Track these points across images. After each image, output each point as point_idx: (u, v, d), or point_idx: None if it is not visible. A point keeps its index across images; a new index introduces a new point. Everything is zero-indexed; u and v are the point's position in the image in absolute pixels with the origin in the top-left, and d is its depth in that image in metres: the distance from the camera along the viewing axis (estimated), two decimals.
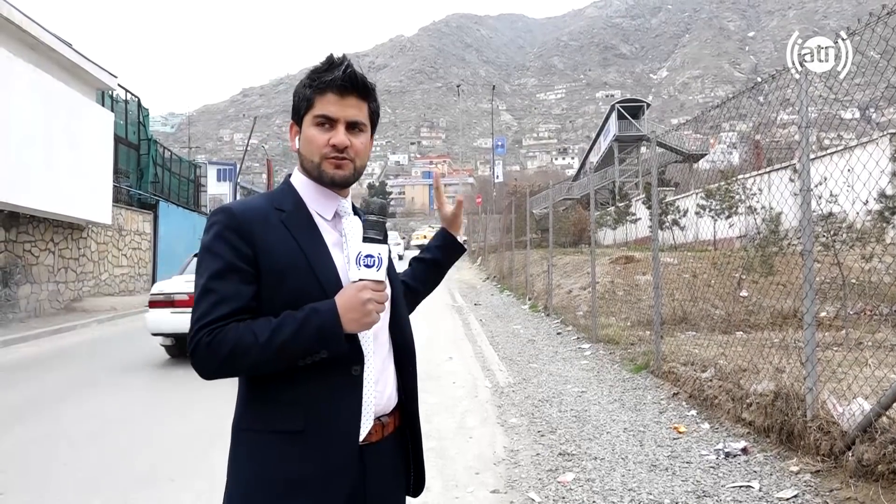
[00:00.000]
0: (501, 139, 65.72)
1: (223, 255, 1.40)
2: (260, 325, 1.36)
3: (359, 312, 1.38)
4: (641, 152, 45.62)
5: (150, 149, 21.46)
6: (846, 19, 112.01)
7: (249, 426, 1.44)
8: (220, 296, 1.38)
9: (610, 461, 4.48)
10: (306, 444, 1.39)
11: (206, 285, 1.40)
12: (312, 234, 1.47)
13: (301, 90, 1.52)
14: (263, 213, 1.45)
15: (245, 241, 1.41)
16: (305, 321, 1.36)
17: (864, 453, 3.65)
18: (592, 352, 8.66)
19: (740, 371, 5.56)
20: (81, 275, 15.96)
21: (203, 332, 1.35)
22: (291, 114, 1.55)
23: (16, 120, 11.62)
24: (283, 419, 1.40)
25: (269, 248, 1.41)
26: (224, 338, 1.35)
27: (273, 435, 1.40)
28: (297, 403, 1.40)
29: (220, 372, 1.38)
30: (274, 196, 1.52)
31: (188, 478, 4.31)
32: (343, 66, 1.49)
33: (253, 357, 1.34)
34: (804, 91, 4.35)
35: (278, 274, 1.41)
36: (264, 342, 1.34)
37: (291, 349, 1.35)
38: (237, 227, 1.41)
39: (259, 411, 1.43)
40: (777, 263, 8.61)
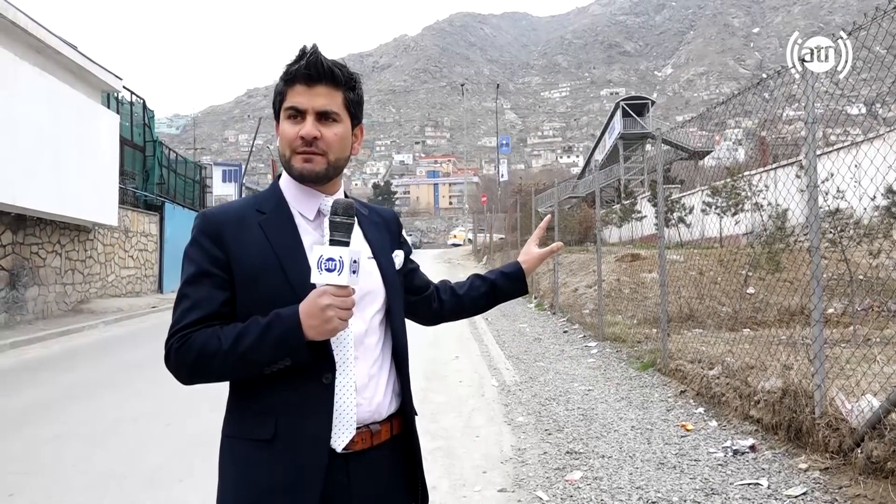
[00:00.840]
0: (506, 138, 65.78)
1: (196, 261, 1.40)
2: (227, 331, 1.34)
3: (318, 319, 1.30)
4: (647, 150, 45.53)
5: (155, 150, 21.51)
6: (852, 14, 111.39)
7: (230, 433, 1.45)
8: (192, 301, 1.37)
9: (618, 459, 4.47)
10: (277, 451, 1.36)
11: (180, 291, 1.40)
12: (290, 235, 1.43)
13: (277, 85, 1.48)
14: (240, 216, 1.43)
15: (217, 245, 1.39)
16: (268, 328, 1.32)
17: (874, 450, 3.63)
18: (599, 350, 8.65)
19: (748, 368, 5.55)
20: (88, 276, 16.01)
21: (174, 339, 1.36)
22: (273, 112, 1.52)
23: (22, 122, 11.66)
24: (255, 427, 1.39)
25: (242, 252, 1.39)
26: (192, 344, 1.34)
27: (248, 442, 1.39)
28: (268, 412, 1.38)
29: (191, 378, 1.38)
30: (258, 197, 1.49)
31: (196, 478, 4.32)
32: (309, 55, 1.41)
33: (217, 363, 1.33)
34: (810, 87, 4.33)
35: (250, 278, 1.38)
36: (227, 348, 1.32)
37: (254, 356, 1.32)
38: (210, 231, 1.40)
39: (237, 418, 1.43)
40: (784, 260, 8.58)
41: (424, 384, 7.01)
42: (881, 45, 4.07)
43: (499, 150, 59.78)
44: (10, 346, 10.31)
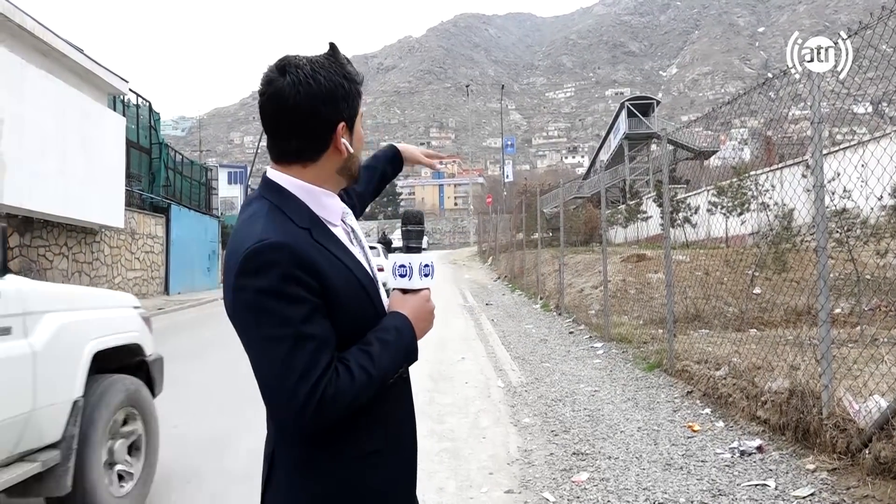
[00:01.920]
0: (511, 139, 65.69)
1: (302, 297, 1.25)
2: (361, 358, 1.29)
3: (428, 322, 1.42)
4: (652, 150, 45.46)
5: (161, 153, 21.58)
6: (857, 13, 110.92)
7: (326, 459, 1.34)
8: (319, 341, 1.25)
9: (624, 460, 4.46)
10: (386, 459, 1.39)
11: (299, 332, 1.23)
12: (339, 246, 1.37)
13: (353, 87, 1.37)
14: (304, 238, 1.31)
15: (311, 275, 1.26)
16: (398, 344, 1.34)
17: (882, 451, 3.62)
18: (605, 351, 8.64)
19: (754, 369, 5.53)
20: (95, 279, 16.07)
21: (324, 383, 1.22)
22: (345, 112, 1.36)
23: (29, 125, 11.72)
24: (365, 442, 1.35)
25: (328, 276, 1.29)
26: (342, 384, 1.25)
27: (355, 461, 1.35)
28: (376, 423, 1.37)
29: (341, 418, 1.27)
30: (287, 213, 1.34)
31: (203, 479, 4.34)
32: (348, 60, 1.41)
33: (368, 393, 1.29)
34: (816, 86, 4.32)
35: (341, 300, 1.31)
36: (376, 375, 1.29)
37: (391, 373, 1.34)
38: (299, 261, 1.25)
39: (336, 442, 1.33)
40: (790, 260, 8.55)
41: (431, 385, 7.01)
42: (888, 44, 4.06)
43: (503, 151, 59.70)
44: None
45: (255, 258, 1.24)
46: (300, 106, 1.30)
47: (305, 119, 1.31)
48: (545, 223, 22.44)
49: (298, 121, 1.32)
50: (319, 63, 1.33)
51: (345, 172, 1.41)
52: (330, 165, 1.38)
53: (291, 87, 1.29)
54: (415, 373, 1.60)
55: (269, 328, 1.23)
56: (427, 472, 4.32)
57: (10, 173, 11.11)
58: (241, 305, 1.26)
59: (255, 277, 1.24)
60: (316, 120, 1.32)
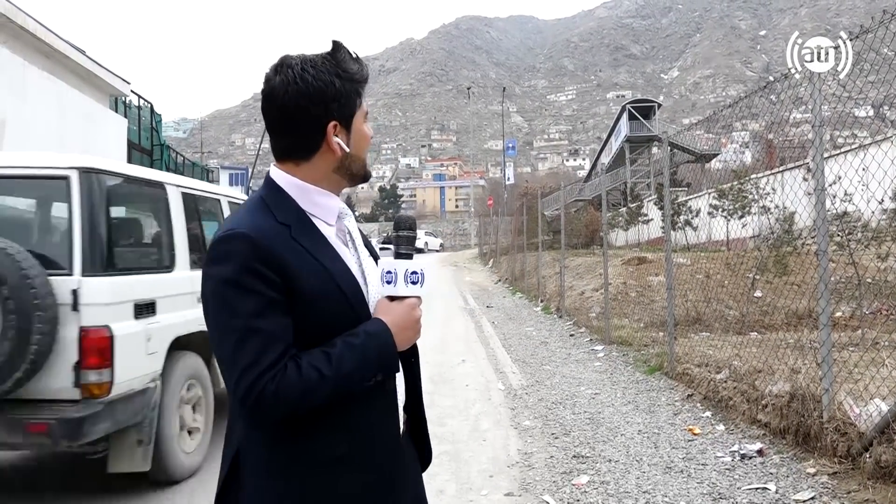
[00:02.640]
0: (512, 141, 65.82)
1: (257, 290, 1.24)
2: (318, 359, 1.26)
3: (413, 331, 1.38)
4: (653, 153, 45.47)
5: (162, 154, 21.58)
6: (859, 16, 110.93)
7: (291, 461, 1.32)
8: (269, 335, 1.23)
9: (624, 463, 4.46)
10: (353, 465, 1.34)
11: (248, 325, 1.23)
12: (324, 246, 1.35)
13: (348, 85, 1.37)
14: (278, 233, 1.30)
15: (273, 270, 1.25)
16: (365, 348, 1.30)
17: (882, 455, 3.61)
18: (605, 353, 8.63)
19: (755, 372, 5.52)
20: None
21: (265, 379, 1.21)
22: (336, 112, 1.36)
23: (31, 126, 11.73)
24: (329, 447, 1.32)
25: (296, 273, 1.27)
26: (289, 381, 1.22)
27: (322, 465, 1.32)
28: (342, 429, 1.33)
29: (285, 417, 1.26)
30: (271, 208, 1.34)
31: (203, 481, 4.33)
32: (357, 57, 1.41)
33: (321, 395, 1.25)
34: (817, 90, 4.32)
35: (310, 300, 1.29)
36: (332, 377, 1.25)
37: (355, 378, 1.29)
38: (261, 255, 1.25)
39: (302, 444, 1.32)
40: (791, 263, 8.54)
41: (431, 388, 7.00)
42: (889, 48, 4.06)
43: (505, 154, 59.82)
44: None
45: (219, 247, 1.28)
46: (288, 105, 1.32)
47: (293, 118, 1.33)
48: (546, 226, 22.47)
49: (287, 119, 1.34)
50: (312, 62, 1.34)
51: (343, 172, 1.41)
52: (324, 164, 1.38)
53: (281, 86, 1.32)
54: None
55: (223, 317, 1.26)
56: (427, 475, 4.28)
57: None
58: (205, 293, 1.29)
59: (217, 266, 1.27)
60: (304, 119, 1.33)
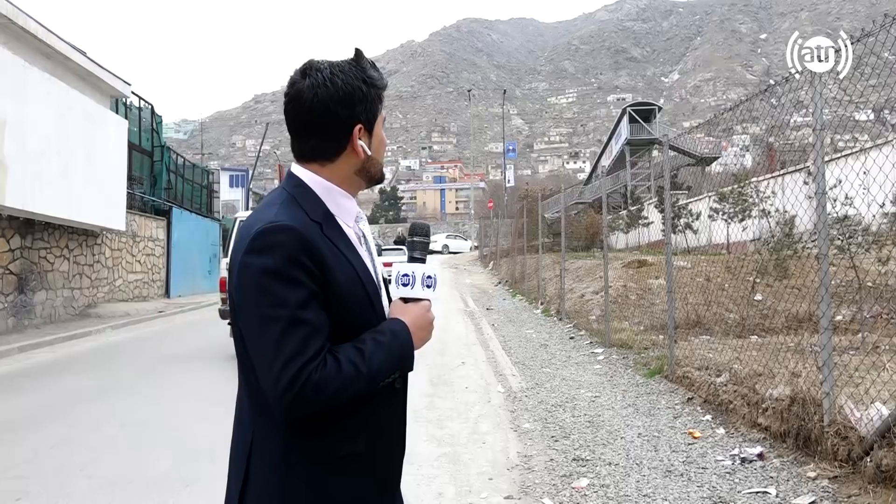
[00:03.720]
0: (512, 144, 65.87)
1: (303, 282, 1.27)
2: (352, 354, 1.30)
3: (427, 332, 1.43)
4: (653, 156, 45.48)
5: (163, 155, 21.60)
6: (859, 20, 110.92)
7: (307, 458, 1.33)
8: (313, 327, 1.26)
9: (624, 467, 4.45)
10: (369, 463, 1.39)
11: (294, 316, 1.25)
12: (349, 245, 1.39)
13: (373, 91, 1.41)
14: (314, 229, 1.33)
15: (314, 262, 1.29)
16: (391, 346, 1.34)
17: (883, 459, 3.60)
18: (605, 356, 8.62)
19: (755, 375, 5.52)
20: (96, 281, 16.07)
21: (310, 369, 1.23)
22: (363, 115, 1.40)
23: (31, 128, 11.73)
24: (346, 444, 1.35)
25: (332, 268, 1.32)
26: (328, 373, 1.25)
27: (338, 462, 1.35)
28: (359, 427, 1.36)
29: (322, 409, 1.28)
30: (300, 202, 1.37)
31: (203, 483, 4.32)
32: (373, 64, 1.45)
33: (354, 389, 1.28)
34: (818, 93, 4.32)
35: (342, 295, 1.33)
36: (366, 373, 1.29)
37: (383, 374, 1.34)
38: (306, 247, 1.28)
39: (320, 440, 1.34)
40: (791, 267, 8.53)
41: (431, 390, 7.00)
42: (889, 52, 4.06)
43: (505, 156, 59.80)
44: (18, 350, 10.36)
45: (264, 238, 1.28)
46: (316, 107, 1.35)
47: (322, 120, 1.37)
48: (546, 228, 22.45)
49: (315, 121, 1.37)
50: (340, 67, 1.39)
51: (363, 174, 1.46)
52: (347, 166, 1.42)
53: (310, 89, 1.35)
54: (415, 377, 1.60)
55: (266, 308, 1.26)
56: (426, 477, 4.31)
57: (12, 175, 11.13)
58: (244, 283, 1.29)
59: (261, 256, 1.27)
60: (332, 121, 1.37)
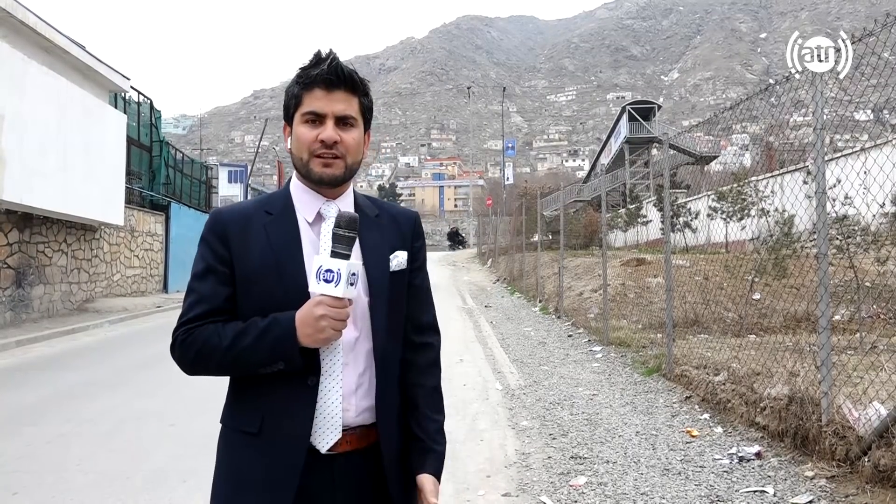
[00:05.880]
0: (512, 141, 65.80)
1: (205, 257, 1.46)
2: (228, 329, 1.41)
3: (312, 328, 1.35)
4: (652, 154, 45.47)
5: (162, 150, 21.58)
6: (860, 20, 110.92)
7: (225, 422, 1.51)
8: (199, 296, 1.44)
9: (622, 465, 4.45)
10: (260, 446, 1.42)
11: (189, 285, 1.47)
12: (291, 238, 1.45)
13: (290, 88, 1.49)
14: (247, 216, 1.48)
15: (222, 243, 1.45)
16: (265, 331, 1.38)
17: (881, 458, 3.61)
18: (604, 354, 8.62)
19: (753, 375, 5.52)
20: (94, 276, 16.05)
21: (181, 331, 1.42)
22: (283, 114, 1.53)
23: (30, 122, 11.71)
24: (245, 420, 1.45)
25: (244, 252, 1.44)
26: (195, 338, 1.41)
27: (238, 433, 1.47)
28: (256, 407, 1.44)
29: (192, 369, 1.46)
30: (270, 198, 1.53)
31: (200, 478, 4.31)
32: (328, 60, 1.44)
33: (216, 360, 1.41)
34: (819, 92, 4.31)
35: (248, 278, 1.43)
36: (226, 347, 1.39)
37: (250, 357, 1.39)
38: (218, 230, 1.46)
39: (232, 410, 1.50)
40: (790, 266, 8.54)
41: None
42: (890, 52, 4.06)
43: (504, 153, 59.78)
44: (16, 345, 10.34)
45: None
46: None
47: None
48: (545, 226, 22.45)
49: None
50: None
51: (296, 170, 1.52)
52: (296, 165, 1.52)
53: None
54: None
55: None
56: None
57: (10, 169, 11.10)
58: None
59: None
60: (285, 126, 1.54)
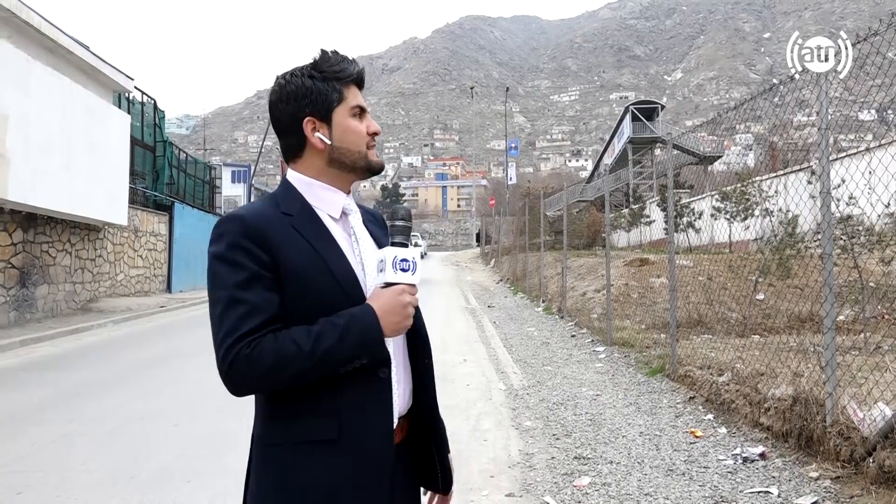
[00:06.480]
0: (515, 141, 65.74)
1: (244, 264, 1.34)
2: (299, 333, 1.32)
3: (399, 316, 1.39)
4: (656, 154, 45.41)
5: (165, 150, 21.59)
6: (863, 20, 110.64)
7: (279, 440, 1.39)
8: (251, 306, 1.32)
9: (626, 465, 4.45)
10: (341, 450, 1.36)
11: (232, 296, 1.33)
12: (324, 235, 1.44)
13: (321, 84, 1.46)
14: (273, 219, 1.41)
15: (262, 248, 1.36)
16: (347, 328, 1.34)
17: (886, 459, 3.59)
18: (607, 355, 8.61)
19: (758, 375, 5.51)
20: (98, 275, 16.08)
21: (241, 345, 1.29)
22: (308, 108, 1.46)
23: (34, 122, 11.73)
24: (316, 429, 1.37)
25: (286, 254, 1.37)
26: (264, 349, 1.29)
27: (305, 446, 1.37)
28: (330, 411, 1.37)
29: (259, 386, 1.35)
30: (275, 199, 1.47)
31: (204, 478, 4.33)
32: (353, 62, 1.51)
33: (296, 368, 1.31)
34: (823, 92, 4.30)
35: (299, 280, 1.37)
36: (308, 352, 1.30)
37: (334, 357, 1.33)
38: (254, 234, 1.36)
39: (289, 424, 1.39)
40: (794, 266, 8.53)
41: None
42: (895, 51, 4.04)
43: (507, 154, 59.78)
44: (20, 344, 10.37)
45: (216, 229, 1.41)
46: (272, 109, 1.50)
47: (278, 121, 1.50)
48: (548, 226, 22.44)
49: (276, 123, 1.51)
50: (296, 69, 1.50)
51: (337, 165, 1.50)
52: (316, 159, 1.49)
53: (270, 94, 1.52)
54: None
55: (214, 290, 1.37)
56: None
57: (14, 169, 11.13)
58: (207, 270, 1.41)
59: (213, 245, 1.39)
60: (284, 119, 1.48)
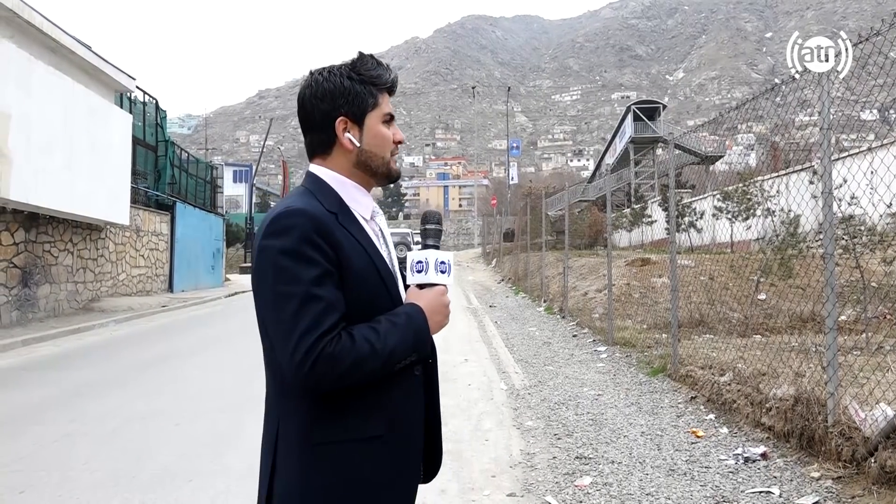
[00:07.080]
0: (516, 141, 65.76)
1: (317, 260, 1.33)
2: (368, 332, 1.34)
3: (442, 315, 1.47)
4: (657, 154, 45.38)
5: (167, 150, 21.60)
6: (866, 19, 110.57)
7: (330, 439, 1.38)
8: (327, 303, 1.32)
9: (627, 465, 4.44)
10: (388, 446, 1.42)
11: (308, 292, 1.31)
12: (367, 236, 1.46)
13: (359, 87, 1.48)
14: (330, 217, 1.41)
15: (329, 244, 1.36)
16: (408, 327, 1.39)
17: (888, 460, 3.59)
18: (608, 354, 8.61)
19: (759, 375, 5.50)
20: (99, 275, 16.10)
21: (324, 342, 1.28)
22: (343, 108, 1.47)
23: (36, 121, 11.74)
24: (367, 426, 1.40)
25: (347, 253, 1.38)
26: (344, 346, 1.30)
27: (354, 444, 1.39)
28: (380, 407, 1.41)
29: (337, 384, 1.32)
30: (317, 195, 1.45)
31: (205, 477, 4.33)
32: (389, 69, 1.55)
33: (370, 366, 1.32)
34: (825, 92, 4.30)
35: (356, 279, 1.39)
36: (380, 350, 1.33)
37: (397, 356, 1.37)
38: (320, 229, 1.36)
39: (340, 422, 1.38)
40: (796, 266, 8.52)
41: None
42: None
43: (509, 153, 59.79)
44: (22, 344, 10.38)
45: (280, 221, 1.37)
46: (304, 104, 1.50)
47: (309, 115, 1.50)
48: (550, 226, 22.43)
49: (304, 117, 1.51)
50: (331, 67, 1.51)
51: (363, 168, 1.51)
52: (343, 159, 1.50)
53: (304, 88, 1.51)
54: None
55: (283, 285, 1.32)
56: None
57: (16, 169, 11.14)
58: (262, 265, 1.37)
59: (278, 238, 1.35)
60: (316, 115, 1.48)
